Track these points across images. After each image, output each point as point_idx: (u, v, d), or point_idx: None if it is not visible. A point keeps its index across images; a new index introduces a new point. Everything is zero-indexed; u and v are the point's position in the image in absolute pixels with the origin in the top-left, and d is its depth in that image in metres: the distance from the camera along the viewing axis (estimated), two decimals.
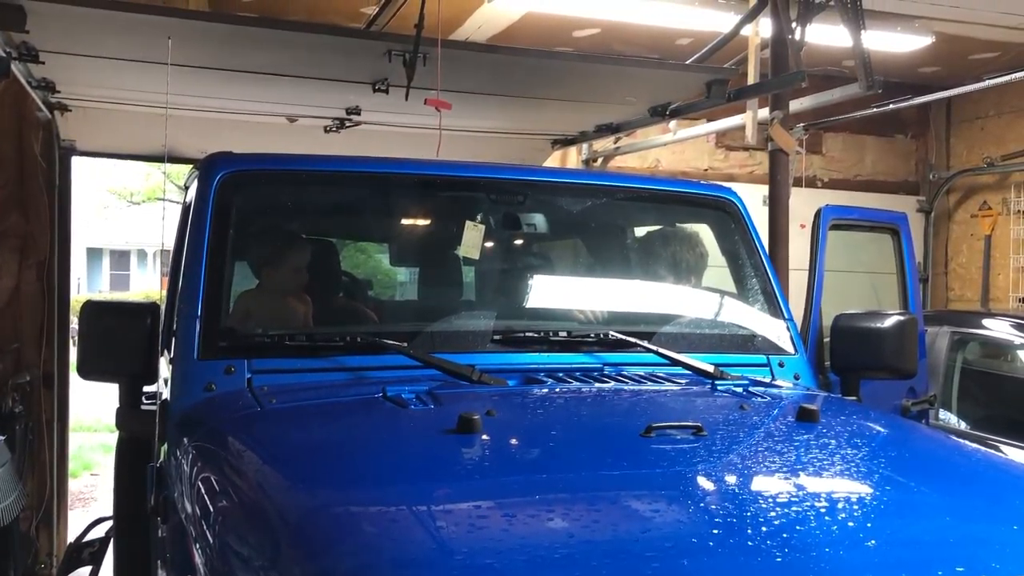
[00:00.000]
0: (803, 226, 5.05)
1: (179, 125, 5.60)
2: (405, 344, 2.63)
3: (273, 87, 4.96)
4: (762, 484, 1.85)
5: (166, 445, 2.55)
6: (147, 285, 35.55)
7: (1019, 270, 8.26)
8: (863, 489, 1.87)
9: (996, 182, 8.51)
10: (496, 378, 2.53)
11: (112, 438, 4.48)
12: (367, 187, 3.02)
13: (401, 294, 3.25)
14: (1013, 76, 6.08)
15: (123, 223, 31.56)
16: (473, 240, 3.02)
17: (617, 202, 3.42)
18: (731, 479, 1.86)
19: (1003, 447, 4.64)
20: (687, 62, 5.26)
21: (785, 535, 1.55)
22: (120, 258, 38.13)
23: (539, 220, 3.42)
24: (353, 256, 3.53)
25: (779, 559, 1.48)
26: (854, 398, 3.22)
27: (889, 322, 3.17)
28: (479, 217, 3.07)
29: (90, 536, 4.95)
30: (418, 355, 2.58)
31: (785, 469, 1.94)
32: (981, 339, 5.16)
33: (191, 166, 3.24)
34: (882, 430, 2.40)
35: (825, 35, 5.96)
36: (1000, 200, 8.44)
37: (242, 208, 2.84)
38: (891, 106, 6.82)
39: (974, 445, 2.32)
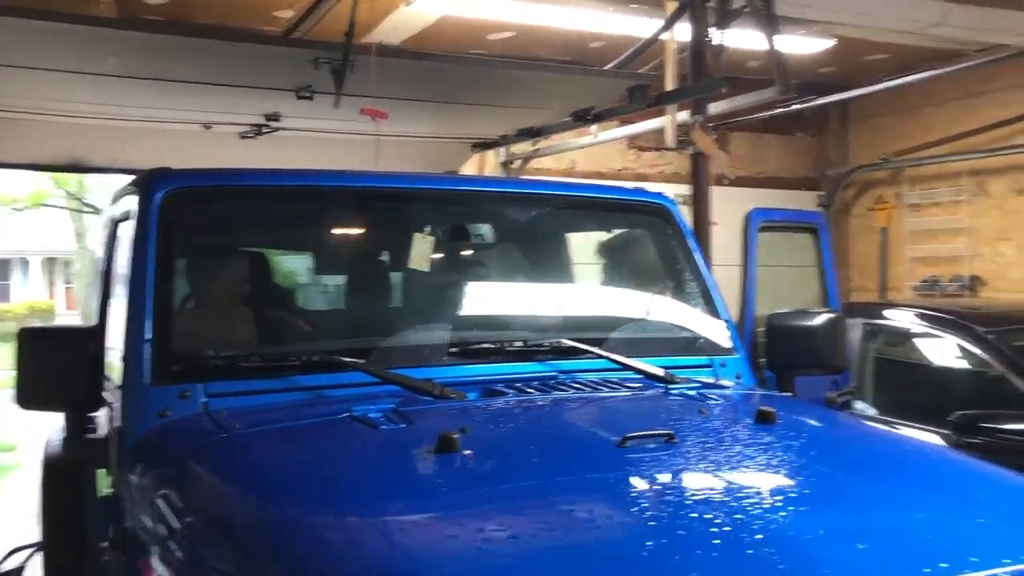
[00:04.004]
0: (715, 223, 5.21)
1: (87, 133, 5.39)
2: (362, 361, 2.60)
3: (188, 94, 4.83)
4: (745, 484, 1.93)
5: (118, 475, 2.46)
6: (31, 295, 33.95)
7: (914, 260, 8.70)
8: (842, 485, 1.97)
9: (890, 177, 8.94)
10: (457, 391, 2.53)
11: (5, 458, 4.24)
12: (314, 201, 2.97)
13: (354, 309, 3.21)
14: (910, 78, 6.40)
15: (4, 230, 30.01)
16: (422, 252, 3.01)
17: (558, 209, 3.46)
18: (714, 483, 1.92)
19: (912, 431, 4.87)
20: (606, 67, 5.36)
21: (783, 533, 1.63)
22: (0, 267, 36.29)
23: (485, 230, 3.43)
24: (302, 271, 3.48)
25: (786, 556, 1.55)
26: (790, 394, 3.34)
27: (819, 320, 3.30)
28: (427, 228, 3.06)
29: (5, 566, 4.72)
30: (377, 372, 2.56)
31: (763, 470, 2.03)
32: (891, 330, 5.41)
33: (131, 179, 3.11)
34: (838, 428, 2.52)
35: (731, 38, 6.16)
36: (894, 194, 8.88)
37: (187, 226, 2.76)
38: (795, 106, 7.08)
39: (928, 440, 2.45)
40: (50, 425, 3.76)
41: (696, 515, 1.73)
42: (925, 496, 1.94)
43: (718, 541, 1.62)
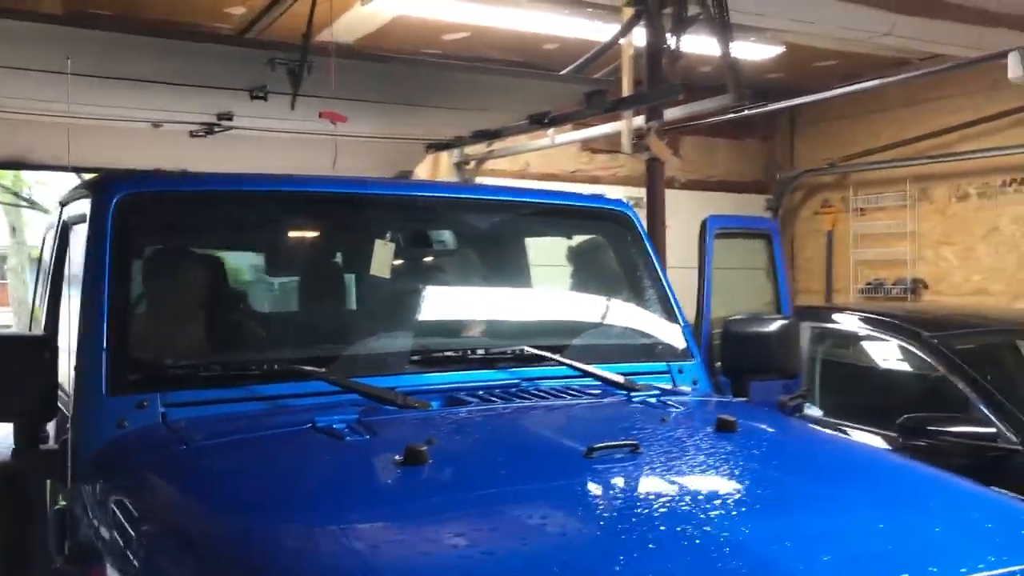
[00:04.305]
0: (668, 226, 5.27)
1: (32, 130, 5.25)
2: (323, 370, 2.58)
3: (138, 93, 4.74)
4: (710, 494, 1.98)
5: (74, 487, 2.40)
6: None
7: (859, 263, 8.89)
8: (804, 494, 2.02)
9: (836, 182, 9.13)
10: (420, 400, 2.52)
11: None
12: (274, 206, 2.93)
13: (314, 317, 3.18)
14: (858, 86, 6.54)
15: None
16: (383, 258, 2.99)
17: (519, 216, 3.47)
18: (680, 493, 1.96)
19: (858, 433, 4.98)
20: (563, 72, 5.38)
21: (749, 541, 1.68)
22: None
23: (447, 236, 3.43)
24: (261, 278, 3.43)
25: (753, 565, 1.59)
26: (745, 399, 3.39)
27: (774, 326, 3.35)
28: (388, 235, 3.04)
29: None
30: (339, 381, 2.54)
31: (727, 479, 2.09)
32: (839, 333, 5.52)
33: (83, 181, 3.05)
34: (797, 436, 2.57)
35: (684, 44, 6.24)
36: (840, 198, 9.07)
37: (144, 231, 2.71)
38: (746, 112, 7.19)
39: (873, 442, 2.51)
40: None
41: (665, 526, 1.76)
42: (885, 505, 1.99)
43: (688, 551, 1.66)
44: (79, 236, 2.90)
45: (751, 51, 6.99)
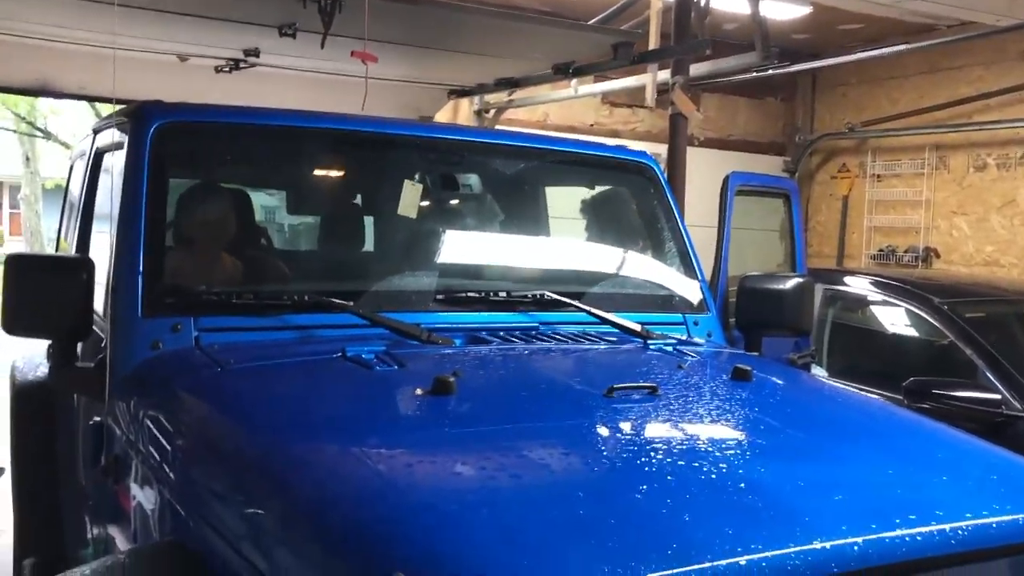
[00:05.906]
0: None
1: (57, 57, 5.28)
2: (351, 303, 2.65)
3: (166, 24, 4.74)
4: (727, 436, 2.06)
5: (108, 404, 2.49)
6: None
7: (872, 229, 8.91)
8: (817, 440, 2.09)
9: (855, 146, 9.10)
10: (443, 337, 2.60)
11: None
12: (310, 143, 2.99)
13: (343, 253, 3.24)
14: (880, 51, 6.50)
15: None
16: (411, 199, 3.04)
17: (544, 163, 3.52)
18: (697, 434, 2.04)
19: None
20: (591, 22, 5.37)
21: (765, 481, 1.76)
22: None
23: (473, 180, 3.47)
24: (294, 212, 3.49)
25: (768, 503, 1.66)
26: (757, 353, 3.46)
27: (789, 284, 3.41)
28: (417, 176, 3.09)
29: None
30: (368, 315, 2.61)
31: (743, 422, 2.17)
32: (851, 296, 5.58)
33: (119, 110, 3.09)
34: (810, 387, 2.66)
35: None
36: (858, 163, 9.05)
37: (180, 160, 2.77)
38: (769, 72, 7.16)
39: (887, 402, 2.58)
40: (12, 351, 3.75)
41: (684, 461, 1.83)
42: (895, 454, 2.06)
43: (706, 485, 1.73)
44: (114, 163, 2.96)
45: (779, 11, 6.96)
